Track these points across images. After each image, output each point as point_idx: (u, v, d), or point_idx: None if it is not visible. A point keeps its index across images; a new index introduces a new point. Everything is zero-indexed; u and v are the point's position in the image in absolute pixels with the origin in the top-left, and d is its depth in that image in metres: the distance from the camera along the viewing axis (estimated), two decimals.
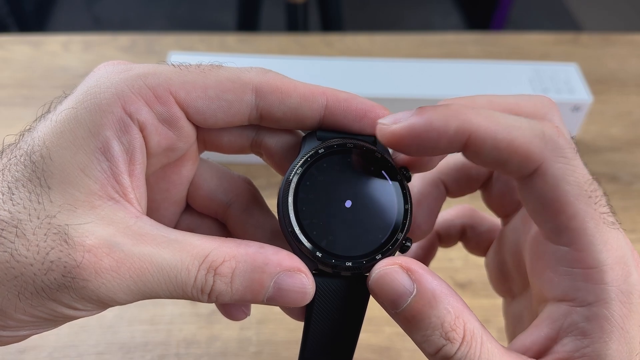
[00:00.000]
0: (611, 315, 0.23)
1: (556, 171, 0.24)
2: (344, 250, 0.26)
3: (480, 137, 0.24)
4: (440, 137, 0.24)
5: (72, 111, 0.25)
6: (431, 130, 0.24)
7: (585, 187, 0.24)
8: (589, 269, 0.24)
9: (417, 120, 0.24)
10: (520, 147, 0.24)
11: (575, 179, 0.24)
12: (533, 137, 0.24)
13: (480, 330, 0.24)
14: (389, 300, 0.25)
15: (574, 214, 0.24)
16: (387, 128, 0.25)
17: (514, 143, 0.24)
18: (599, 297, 0.24)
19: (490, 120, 0.24)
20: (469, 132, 0.24)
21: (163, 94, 0.25)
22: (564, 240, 0.24)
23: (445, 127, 0.24)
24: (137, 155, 0.25)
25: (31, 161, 0.24)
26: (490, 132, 0.24)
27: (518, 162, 0.24)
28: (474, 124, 0.24)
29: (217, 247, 0.24)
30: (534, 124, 0.24)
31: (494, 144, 0.24)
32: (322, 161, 0.27)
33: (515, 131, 0.24)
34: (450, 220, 0.37)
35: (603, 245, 0.24)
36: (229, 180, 0.31)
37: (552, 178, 0.24)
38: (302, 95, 0.27)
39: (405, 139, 0.24)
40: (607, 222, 0.24)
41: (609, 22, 2.14)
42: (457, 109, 0.24)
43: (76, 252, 0.22)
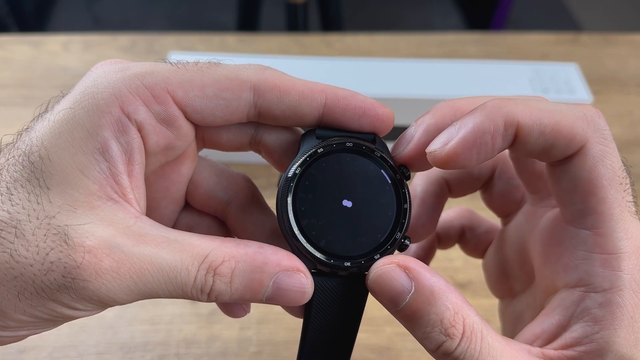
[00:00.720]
0: (623, 304, 0.24)
1: (596, 152, 0.24)
2: (343, 250, 0.26)
3: (527, 125, 0.24)
4: (494, 137, 0.24)
5: (70, 111, 0.25)
6: (484, 135, 0.24)
7: (618, 173, 0.24)
8: (607, 255, 0.24)
9: (467, 132, 0.24)
10: (565, 129, 0.24)
11: (611, 162, 0.24)
12: (576, 119, 0.24)
13: (480, 325, 0.24)
14: (388, 298, 0.25)
15: (603, 197, 0.24)
16: (441, 153, 0.25)
17: (558, 126, 0.24)
18: (613, 284, 0.24)
19: (532, 107, 0.25)
20: (516, 122, 0.24)
21: (161, 94, 0.25)
22: (587, 223, 0.25)
23: (495, 125, 0.24)
24: (136, 155, 0.25)
25: (30, 162, 0.24)
26: (536, 118, 0.24)
27: (563, 144, 0.24)
28: (519, 114, 0.24)
29: (217, 247, 0.25)
30: (574, 107, 0.25)
31: (541, 129, 0.24)
32: (320, 160, 0.27)
33: (558, 114, 0.24)
34: (449, 221, 0.37)
35: (624, 233, 0.24)
36: (228, 178, 0.31)
37: (592, 159, 0.24)
38: (301, 93, 0.27)
39: (462, 155, 0.25)
40: (631, 210, 0.25)
41: (609, 22, 2.14)
42: (496, 104, 0.25)
43: (76, 253, 0.22)
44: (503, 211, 0.34)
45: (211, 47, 0.79)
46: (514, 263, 0.33)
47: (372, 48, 0.81)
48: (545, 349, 0.25)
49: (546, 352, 0.25)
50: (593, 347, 0.24)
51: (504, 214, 0.34)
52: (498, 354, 0.24)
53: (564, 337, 0.25)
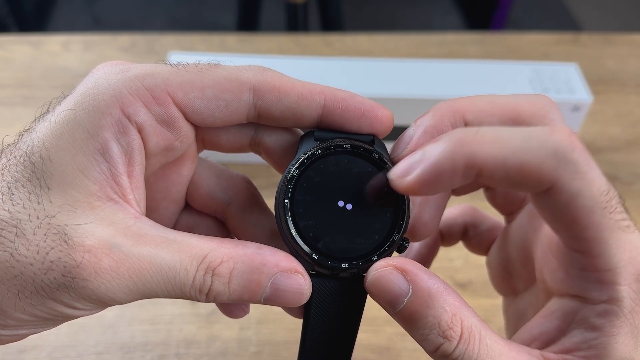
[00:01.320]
0: (622, 313, 0.24)
1: (570, 189, 0.23)
2: (341, 252, 0.26)
3: (490, 166, 0.23)
4: (452, 177, 0.24)
5: (71, 113, 0.25)
6: (443, 173, 0.24)
7: (599, 199, 0.23)
8: (602, 272, 0.24)
9: (425, 169, 0.24)
10: (532, 170, 0.23)
11: (590, 192, 0.23)
12: (544, 157, 0.23)
13: (478, 326, 0.24)
14: (386, 301, 0.25)
15: (587, 225, 0.23)
16: (400, 184, 0.25)
17: (525, 167, 0.23)
18: (611, 297, 0.24)
19: (497, 146, 0.23)
20: (477, 165, 0.23)
21: (161, 95, 0.25)
22: (578, 248, 0.25)
23: (454, 166, 0.24)
24: (136, 156, 0.25)
25: (30, 162, 0.24)
26: (500, 159, 0.23)
27: (531, 184, 0.24)
28: (481, 155, 0.23)
29: (216, 247, 0.25)
30: (544, 140, 0.23)
31: (505, 171, 0.23)
32: (318, 162, 0.27)
33: (525, 153, 0.23)
34: (452, 219, 0.37)
35: (616, 250, 0.24)
36: (228, 179, 0.31)
37: (566, 195, 0.23)
38: (300, 95, 0.27)
39: (420, 189, 0.25)
40: (621, 227, 0.24)
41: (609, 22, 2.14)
42: (461, 141, 0.24)
43: (76, 253, 0.23)
44: (506, 209, 0.34)
45: (211, 47, 0.79)
46: (516, 262, 0.33)
47: (372, 48, 0.81)
48: (545, 352, 0.25)
49: (546, 355, 0.25)
50: (592, 353, 0.24)
51: (508, 212, 0.34)
52: (497, 355, 0.24)
53: (563, 342, 0.25)
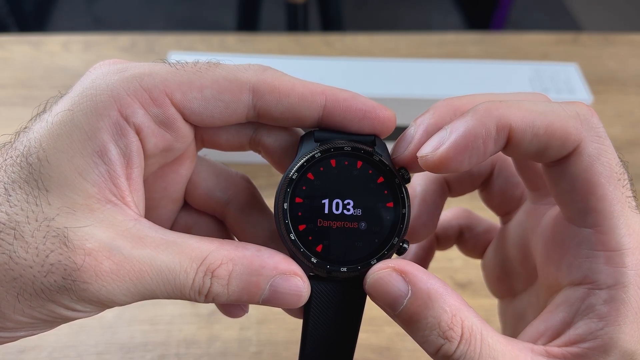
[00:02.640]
0: (628, 300, 0.24)
1: (592, 151, 0.24)
2: (340, 255, 0.26)
3: (520, 128, 0.24)
4: (486, 141, 0.24)
5: (69, 113, 0.25)
6: (476, 139, 0.24)
7: (616, 169, 0.24)
8: (610, 252, 0.24)
9: (458, 136, 0.24)
10: (559, 130, 0.24)
11: (607, 160, 0.24)
12: (569, 119, 0.24)
13: (479, 326, 0.24)
14: (385, 303, 0.25)
15: (603, 195, 0.24)
16: (432, 157, 0.25)
17: (552, 127, 0.24)
18: (618, 281, 0.24)
19: (524, 110, 0.24)
20: (508, 126, 0.24)
21: (159, 96, 0.25)
22: (589, 221, 0.25)
23: (487, 130, 0.24)
24: (134, 158, 0.25)
25: (27, 163, 0.24)
26: (528, 120, 0.24)
27: (558, 145, 0.24)
28: (511, 117, 0.24)
29: (215, 249, 0.25)
30: (566, 106, 0.25)
31: (534, 132, 0.24)
32: (318, 165, 0.27)
33: (551, 115, 0.24)
34: (447, 221, 0.37)
35: (626, 229, 0.24)
36: (227, 178, 0.31)
37: (588, 158, 0.24)
38: (301, 95, 0.27)
39: (454, 159, 0.24)
40: (631, 206, 0.24)
41: (609, 22, 2.14)
42: (488, 107, 0.24)
43: (76, 255, 0.22)
44: (503, 209, 0.34)
45: (211, 47, 0.79)
46: (515, 261, 0.32)
47: (372, 48, 0.81)
48: (549, 347, 0.25)
49: (550, 350, 0.25)
50: (597, 344, 0.24)
51: (504, 212, 0.34)
52: (499, 354, 0.24)
53: (568, 334, 0.25)
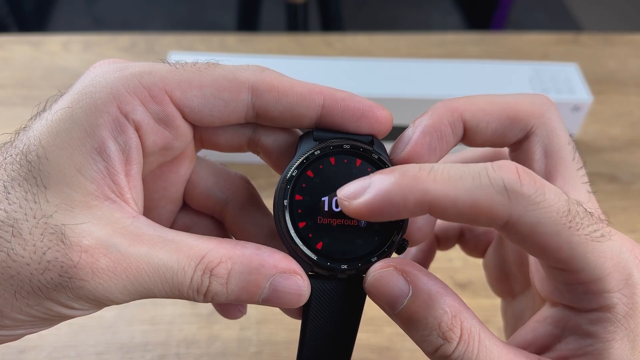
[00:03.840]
0: (615, 318, 0.24)
1: (528, 221, 0.23)
2: (340, 253, 0.26)
3: (441, 206, 0.23)
4: (400, 210, 0.23)
5: (68, 111, 0.25)
6: (391, 206, 0.23)
7: (562, 221, 0.23)
8: (588, 284, 0.24)
9: (375, 198, 0.23)
10: (484, 209, 0.23)
11: (550, 219, 0.23)
12: (495, 195, 0.22)
13: (478, 328, 0.24)
14: (385, 302, 0.25)
15: (558, 248, 0.23)
16: (348, 205, 0.24)
17: (477, 206, 0.23)
18: (601, 304, 0.24)
19: (449, 186, 0.23)
20: (428, 203, 0.23)
21: (158, 94, 0.25)
22: (558, 267, 0.24)
23: (404, 201, 0.23)
24: (133, 155, 0.25)
25: (27, 160, 0.24)
26: (450, 199, 0.23)
27: (485, 220, 0.23)
28: (432, 194, 0.23)
29: (214, 247, 0.25)
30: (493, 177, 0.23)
31: (457, 210, 0.23)
32: (317, 163, 0.27)
33: (476, 192, 0.22)
34: (447, 222, 0.37)
35: (597, 260, 0.23)
36: (226, 179, 0.31)
37: (525, 227, 0.23)
38: (299, 94, 0.27)
39: (367, 214, 0.24)
40: (595, 238, 0.23)
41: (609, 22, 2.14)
42: (413, 178, 0.23)
43: (73, 253, 0.22)
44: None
45: (211, 47, 0.79)
46: (513, 265, 0.32)
47: (372, 48, 0.81)
48: (543, 358, 0.25)
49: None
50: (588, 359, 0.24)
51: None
52: (495, 357, 0.24)
53: (559, 349, 0.25)
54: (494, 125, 0.27)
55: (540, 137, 0.27)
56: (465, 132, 0.28)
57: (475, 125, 0.27)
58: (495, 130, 0.28)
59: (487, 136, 0.28)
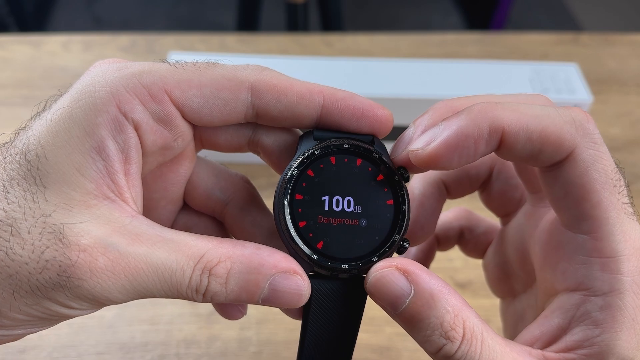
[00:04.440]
0: (624, 306, 0.24)
1: (587, 157, 0.24)
2: (340, 253, 0.26)
3: (513, 131, 0.24)
4: (477, 142, 0.24)
5: (67, 110, 0.25)
6: (467, 138, 0.24)
7: (611, 176, 0.24)
8: (606, 259, 0.24)
9: (450, 134, 0.24)
10: (553, 135, 0.24)
11: (603, 166, 0.24)
12: (564, 124, 0.24)
13: (480, 327, 0.24)
14: (387, 302, 0.25)
15: (598, 202, 0.24)
16: (422, 152, 0.25)
17: (546, 132, 0.24)
18: (613, 287, 0.24)
19: (519, 113, 0.24)
20: (501, 128, 0.24)
21: (158, 93, 0.25)
22: (584, 228, 0.25)
23: (479, 130, 0.24)
24: (133, 154, 0.25)
25: (26, 160, 0.24)
26: (522, 124, 0.24)
27: (551, 150, 0.24)
28: (505, 120, 0.24)
29: (213, 247, 0.24)
30: (562, 111, 0.25)
31: (527, 136, 0.24)
32: (318, 162, 0.27)
33: (546, 120, 0.24)
34: (448, 222, 0.37)
35: (622, 236, 0.24)
36: (227, 179, 0.31)
37: (583, 164, 0.24)
38: (299, 94, 0.27)
39: (444, 156, 0.24)
40: (627, 212, 0.24)
41: (609, 22, 2.14)
42: (482, 108, 0.24)
43: (71, 252, 0.22)
44: (502, 211, 0.34)
45: (211, 47, 0.79)
46: (514, 263, 0.32)
47: (372, 48, 0.81)
48: (546, 352, 0.25)
49: (547, 355, 0.25)
50: (594, 351, 0.24)
51: (503, 213, 0.34)
52: (499, 356, 0.24)
53: (565, 340, 0.25)
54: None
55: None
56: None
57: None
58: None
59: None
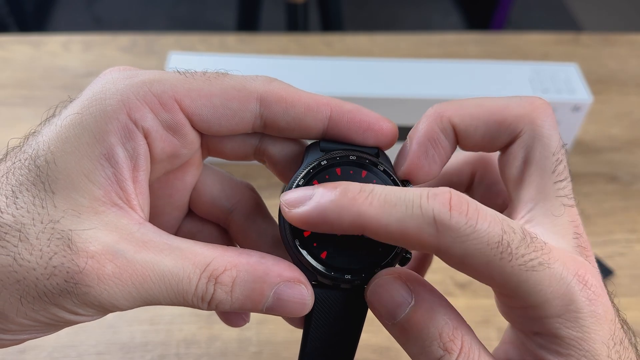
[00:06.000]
0: (564, 342, 0.23)
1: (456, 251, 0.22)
2: (343, 263, 0.26)
3: (373, 230, 0.23)
4: (334, 227, 0.24)
5: (78, 117, 0.25)
6: (325, 222, 0.24)
7: (493, 252, 0.22)
8: (526, 309, 0.23)
9: (312, 212, 0.24)
10: (414, 238, 0.23)
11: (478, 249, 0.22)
12: (425, 226, 0.22)
13: (477, 344, 0.24)
14: (386, 310, 0.25)
15: (490, 277, 0.23)
16: (287, 212, 0.25)
17: (406, 234, 0.23)
18: (545, 328, 0.23)
19: (382, 212, 0.23)
20: (362, 225, 0.23)
21: (168, 101, 0.25)
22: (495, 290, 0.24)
23: (339, 220, 0.23)
24: (141, 161, 0.25)
25: (35, 165, 0.24)
26: (382, 224, 0.23)
27: (418, 248, 0.23)
28: (366, 218, 0.23)
29: (219, 255, 0.25)
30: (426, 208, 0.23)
31: (389, 236, 0.23)
32: (324, 172, 0.27)
33: (408, 221, 0.23)
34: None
35: (532, 288, 0.23)
36: (232, 186, 0.31)
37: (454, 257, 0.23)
38: (307, 106, 0.27)
39: (302, 225, 0.24)
40: (530, 267, 0.23)
41: (609, 22, 2.14)
42: (351, 200, 0.23)
43: (79, 258, 0.22)
44: None
45: (211, 47, 0.79)
46: None
47: (372, 48, 0.81)
48: None
49: None
50: None
51: None
52: None
53: None
54: (482, 129, 0.27)
55: (524, 143, 0.27)
56: (456, 137, 0.28)
57: (464, 130, 0.27)
58: (484, 135, 0.27)
59: (476, 140, 0.28)
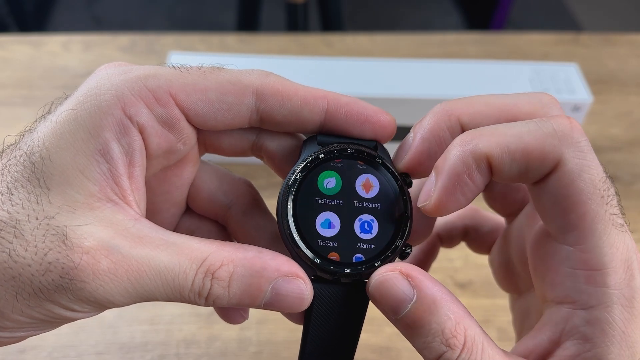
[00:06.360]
0: (613, 320, 0.23)
1: (573, 167, 0.23)
2: (343, 257, 0.26)
3: (496, 154, 0.24)
4: (471, 176, 0.24)
5: (72, 112, 0.25)
6: (460, 177, 0.24)
7: (599, 186, 0.23)
8: (592, 271, 0.23)
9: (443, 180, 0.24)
10: (535, 151, 0.24)
11: (590, 176, 0.23)
12: (545, 137, 0.24)
13: (481, 337, 0.24)
14: (389, 306, 0.25)
15: (584, 213, 0.23)
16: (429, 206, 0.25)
17: (527, 149, 0.24)
18: (600, 301, 0.23)
19: (497, 136, 0.24)
20: (485, 156, 0.24)
21: (163, 96, 0.25)
22: (570, 239, 0.24)
23: (466, 163, 0.24)
24: (137, 157, 0.25)
25: (30, 162, 0.24)
26: (502, 146, 0.24)
27: (537, 166, 0.24)
28: (485, 147, 0.24)
29: (216, 250, 0.24)
30: (543, 123, 0.24)
31: (511, 157, 0.24)
32: (322, 166, 0.27)
33: (526, 136, 0.24)
34: (452, 222, 0.36)
35: (609, 248, 0.23)
36: (230, 183, 0.31)
37: (568, 175, 0.23)
38: (303, 99, 0.27)
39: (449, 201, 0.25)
40: (615, 224, 0.23)
41: (609, 22, 2.14)
42: (462, 142, 0.24)
43: (74, 254, 0.22)
44: (505, 211, 0.34)
45: (211, 47, 0.79)
46: (517, 263, 0.32)
47: (372, 48, 0.81)
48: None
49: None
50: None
51: (507, 213, 0.34)
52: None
53: (558, 354, 0.25)
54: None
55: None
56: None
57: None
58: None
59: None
